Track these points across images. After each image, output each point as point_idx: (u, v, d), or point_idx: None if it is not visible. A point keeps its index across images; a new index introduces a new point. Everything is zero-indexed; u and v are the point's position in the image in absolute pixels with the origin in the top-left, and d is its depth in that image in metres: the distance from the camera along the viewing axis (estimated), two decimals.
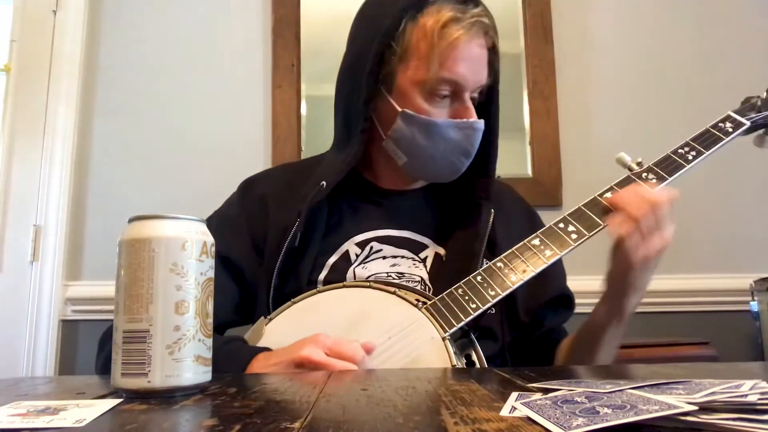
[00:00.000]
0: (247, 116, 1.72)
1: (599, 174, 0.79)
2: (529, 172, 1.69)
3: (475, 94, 0.84)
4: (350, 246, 0.85)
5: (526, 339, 0.90)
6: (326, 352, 0.64)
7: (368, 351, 0.67)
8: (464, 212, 0.88)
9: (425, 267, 0.85)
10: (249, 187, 0.95)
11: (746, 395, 0.31)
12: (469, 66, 0.81)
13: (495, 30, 0.84)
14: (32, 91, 1.71)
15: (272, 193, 0.91)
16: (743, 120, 0.86)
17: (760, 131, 0.91)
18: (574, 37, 1.76)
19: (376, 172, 0.93)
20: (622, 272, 0.73)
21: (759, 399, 0.31)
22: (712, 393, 0.32)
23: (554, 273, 0.90)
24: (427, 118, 0.81)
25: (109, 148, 1.71)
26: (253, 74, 1.74)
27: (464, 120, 0.82)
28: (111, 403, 0.40)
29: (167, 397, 0.43)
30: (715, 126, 0.86)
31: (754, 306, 1.54)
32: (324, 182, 0.84)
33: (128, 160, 1.70)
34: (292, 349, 0.66)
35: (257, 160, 1.68)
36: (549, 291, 0.91)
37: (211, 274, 0.49)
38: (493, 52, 0.85)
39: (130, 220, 0.48)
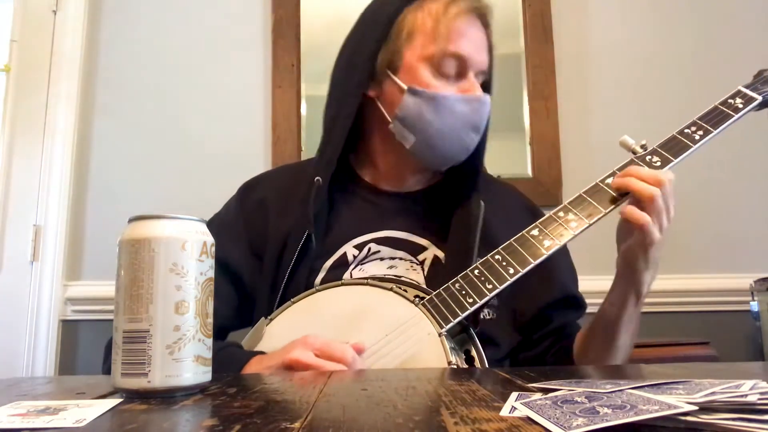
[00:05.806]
0: (247, 116, 1.72)
1: (599, 174, 0.78)
2: (529, 172, 1.69)
3: (478, 79, 0.85)
4: (348, 248, 0.85)
5: (532, 336, 0.88)
6: (315, 353, 0.64)
7: (359, 351, 0.67)
8: (457, 210, 0.88)
9: (423, 270, 0.84)
10: (248, 191, 0.94)
11: (746, 395, 0.31)
12: (472, 45, 0.83)
13: (490, 22, 0.87)
14: (32, 91, 1.71)
15: (271, 197, 0.91)
16: (755, 95, 0.80)
17: None
18: (574, 37, 1.76)
19: (376, 171, 0.92)
20: (638, 250, 0.72)
21: (759, 399, 0.31)
22: (712, 393, 0.32)
23: (560, 274, 0.89)
24: (434, 92, 0.81)
25: (109, 148, 1.71)
26: (253, 74, 1.74)
27: (472, 93, 0.82)
28: (111, 403, 0.40)
29: (167, 397, 0.43)
30: (724, 102, 0.80)
31: (754, 306, 1.54)
32: (319, 177, 0.84)
33: (128, 160, 1.70)
34: (282, 352, 0.66)
35: (257, 160, 1.68)
36: (553, 292, 0.89)
37: (211, 274, 0.49)
38: (489, 40, 0.87)
39: (130, 220, 0.48)
